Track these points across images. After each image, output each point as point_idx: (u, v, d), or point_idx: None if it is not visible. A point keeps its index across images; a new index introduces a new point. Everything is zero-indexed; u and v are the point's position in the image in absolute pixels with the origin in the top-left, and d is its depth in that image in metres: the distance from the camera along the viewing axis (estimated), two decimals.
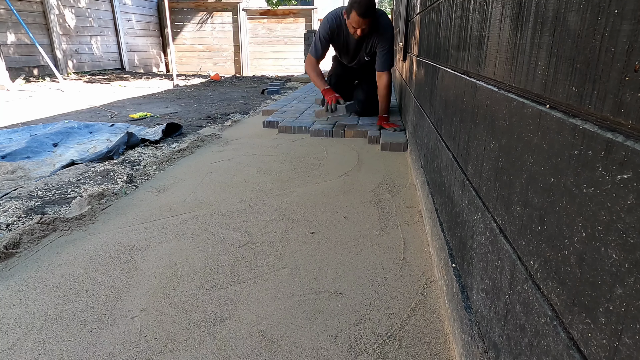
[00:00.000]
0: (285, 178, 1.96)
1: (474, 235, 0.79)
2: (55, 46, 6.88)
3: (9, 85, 5.27)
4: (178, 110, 4.16)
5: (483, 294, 0.72)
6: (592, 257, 0.39)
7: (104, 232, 1.40)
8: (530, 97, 0.56)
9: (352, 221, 1.49)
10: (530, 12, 0.56)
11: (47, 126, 3.00)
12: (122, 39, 8.72)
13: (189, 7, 9.78)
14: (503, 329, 0.61)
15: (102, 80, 6.85)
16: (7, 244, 1.26)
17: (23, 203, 1.66)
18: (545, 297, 0.48)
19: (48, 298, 1.05)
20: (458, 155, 0.99)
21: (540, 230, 0.50)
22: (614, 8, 0.36)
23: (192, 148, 2.53)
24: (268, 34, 9.84)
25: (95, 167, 2.14)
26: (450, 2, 1.20)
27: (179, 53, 10.02)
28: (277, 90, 5.64)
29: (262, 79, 8.28)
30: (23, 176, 2.00)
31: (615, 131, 0.36)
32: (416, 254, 1.27)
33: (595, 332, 0.38)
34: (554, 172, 0.47)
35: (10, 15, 5.93)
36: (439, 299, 1.05)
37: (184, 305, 1.02)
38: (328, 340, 0.91)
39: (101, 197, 1.68)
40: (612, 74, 0.36)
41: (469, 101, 0.90)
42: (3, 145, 2.52)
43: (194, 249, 1.29)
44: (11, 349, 0.88)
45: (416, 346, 0.89)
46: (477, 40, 0.86)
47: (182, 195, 1.74)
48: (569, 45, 0.45)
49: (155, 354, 0.87)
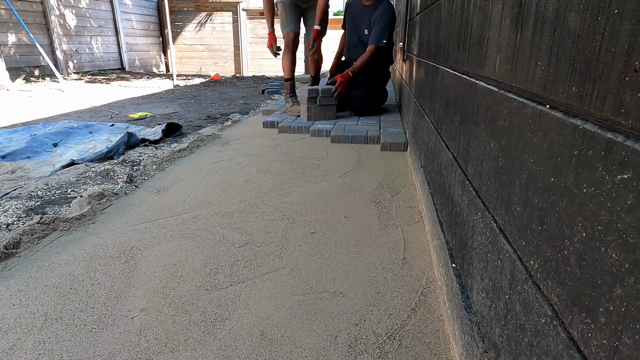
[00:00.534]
0: (285, 178, 1.96)
1: (474, 235, 0.79)
2: (56, 46, 6.88)
3: (9, 85, 5.27)
4: (178, 110, 4.16)
5: (483, 294, 0.72)
6: (592, 257, 0.39)
7: (104, 232, 1.40)
8: (530, 97, 0.56)
9: (352, 221, 1.49)
10: (530, 12, 0.56)
11: (47, 126, 3.00)
12: (122, 39, 8.72)
13: (189, 7, 9.78)
14: (503, 329, 0.61)
15: (102, 80, 6.85)
16: (7, 244, 1.26)
17: (23, 203, 1.66)
18: (545, 297, 0.48)
19: (48, 298, 1.05)
20: (458, 155, 0.99)
21: (541, 230, 0.50)
22: (614, 8, 0.36)
23: (192, 148, 2.53)
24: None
25: (95, 167, 2.14)
26: (450, 2, 1.20)
27: (179, 53, 10.02)
28: (277, 90, 5.64)
29: (262, 78, 8.28)
30: (23, 176, 2.00)
31: (615, 131, 0.36)
32: (416, 254, 1.27)
33: (596, 332, 0.38)
34: (554, 172, 0.47)
35: (10, 16, 5.93)
36: (439, 299, 1.05)
37: (184, 305, 1.02)
38: (328, 340, 0.91)
39: (101, 197, 1.68)
40: (612, 74, 0.36)
41: (469, 101, 0.90)
42: (3, 145, 2.52)
43: (194, 249, 1.29)
44: (11, 348, 0.88)
45: (416, 346, 0.89)
46: (477, 40, 0.86)
47: (182, 195, 1.74)
48: (569, 45, 0.45)
49: (155, 354, 0.87)
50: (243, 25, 9.72)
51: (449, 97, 1.14)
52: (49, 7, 6.70)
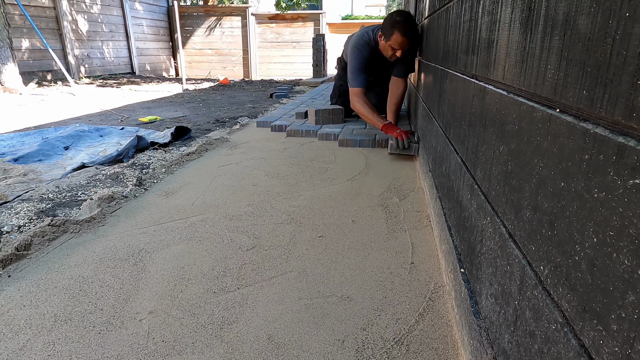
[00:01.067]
0: (293, 182, 1.96)
1: (483, 240, 0.79)
2: (68, 51, 6.98)
3: (22, 89, 5.36)
4: (187, 114, 4.19)
5: (492, 300, 0.71)
6: (604, 262, 0.38)
7: (113, 235, 1.41)
8: (540, 100, 0.55)
9: (359, 225, 1.49)
10: (540, 16, 0.56)
11: (59, 129, 3.04)
12: (132, 43, 8.83)
13: (199, 12, 9.88)
14: (512, 335, 0.60)
15: (113, 84, 6.94)
16: (19, 245, 1.28)
17: (34, 205, 1.68)
18: (555, 303, 0.47)
19: (58, 299, 1.06)
20: (467, 159, 0.99)
21: (551, 235, 0.49)
22: (625, 11, 0.36)
23: (200, 151, 2.55)
24: (277, 38, 9.90)
25: (105, 170, 2.16)
26: (459, 5, 1.20)
27: (189, 57, 10.11)
28: (286, 94, 5.66)
29: (271, 82, 8.32)
30: (35, 179, 2.03)
31: (627, 135, 0.36)
32: (424, 259, 1.26)
33: (607, 339, 0.37)
34: (565, 177, 0.46)
35: (24, 21, 6.04)
36: (447, 304, 1.05)
37: (192, 308, 1.03)
38: (335, 345, 0.90)
39: (111, 199, 1.69)
40: (624, 78, 0.36)
41: (478, 105, 0.89)
42: (16, 148, 2.56)
43: (201, 252, 1.30)
44: (21, 349, 0.89)
45: (424, 352, 0.89)
46: (486, 44, 0.85)
47: (191, 199, 1.75)
48: (579, 49, 0.44)
49: (163, 356, 0.87)
50: (252, 30, 9.79)
51: (458, 101, 1.14)
52: (61, 13, 6.82)
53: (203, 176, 2.06)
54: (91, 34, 7.67)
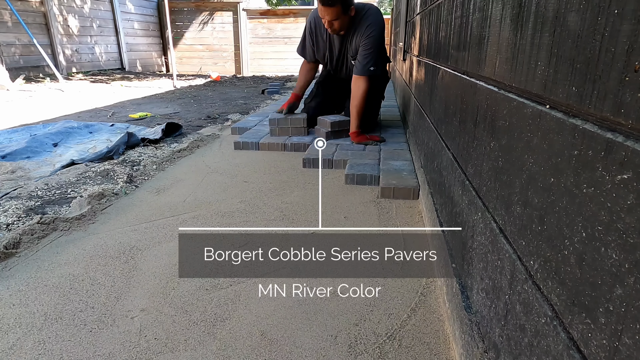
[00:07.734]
0: (285, 178, 1.96)
1: (474, 235, 0.79)
2: (56, 46, 6.87)
3: (9, 85, 5.27)
4: (178, 110, 4.16)
5: (483, 294, 0.72)
6: (592, 257, 0.39)
7: (104, 232, 1.40)
8: (530, 97, 0.56)
9: (351, 221, 1.49)
10: (530, 12, 0.56)
11: (47, 126, 3.00)
12: (122, 39, 8.72)
13: (189, 7, 9.77)
14: (503, 329, 0.61)
15: (102, 80, 6.85)
16: (7, 243, 1.26)
17: (23, 203, 1.65)
18: (545, 297, 0.48)
19: (48, 298, 1.05)
20: (458, 155, 0.99)
21: (540, 230, 0.50)
22: (614, 8, 0.36)
23: (192, 148, 2.53)
24: (268, 34, 9.84)
25: (95, 167, 2.14)
26: (451, 2, 1.20)
27: (179, 53, 10.02)
28: (277, 90, 5.64)
29: (262, 79, 8.28)
30: (23, 176, 2.00)
31: (615, 131, 0.36)
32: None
33: (595, 332, 0.38)
34: (554, 172, 0.47)
35: (10, 15, 5.93)
36: (439, 299, 1.05)
37: (184, 305, 1.02)
38: (328, 340, 0.91)
39: (101, 197, 1.68)
40: (612, 74, 0.36)
41: (469, 101, 0.90)
42: (3, 145, 2.52)
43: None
44: (11, 348, 0.88)
45: (416, 346, 0.89)
46: (477, 40, 0.86)
47: (182, 195, 1.73)
48: (569, 46, 0.45)
49: (155, 354, 0.87)
50: (243, 25, 9.72)
51: (449, 97, 1.14)
52: (49, 7, 6.70)
53: (194, 173, 2.04)
54: (80, 29, 7.56)
